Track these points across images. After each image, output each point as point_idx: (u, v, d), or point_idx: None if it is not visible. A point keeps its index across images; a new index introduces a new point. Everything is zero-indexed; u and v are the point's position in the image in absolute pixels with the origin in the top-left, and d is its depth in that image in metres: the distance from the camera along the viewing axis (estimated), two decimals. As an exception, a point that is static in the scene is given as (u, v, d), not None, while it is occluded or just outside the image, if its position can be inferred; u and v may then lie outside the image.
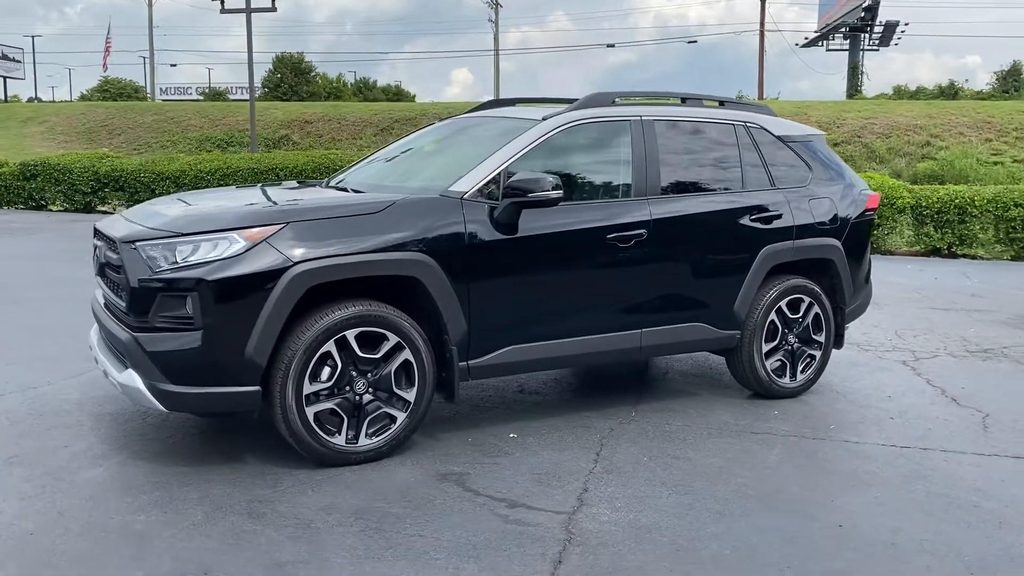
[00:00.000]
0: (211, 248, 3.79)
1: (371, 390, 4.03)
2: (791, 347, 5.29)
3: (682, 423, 4.78)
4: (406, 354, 4.06)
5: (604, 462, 4.17)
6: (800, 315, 5.28)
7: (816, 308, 5.32)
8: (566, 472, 4.03)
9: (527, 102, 5.64)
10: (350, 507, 3.59)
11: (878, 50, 46.17)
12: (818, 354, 5.38)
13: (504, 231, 4.27)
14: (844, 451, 4.42)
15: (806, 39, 48.81)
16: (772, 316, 5.16)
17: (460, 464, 4.10)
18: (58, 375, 5.34)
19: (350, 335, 3.92)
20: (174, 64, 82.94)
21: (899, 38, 45.71)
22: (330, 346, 3.89)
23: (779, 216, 5.16)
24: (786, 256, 5.17)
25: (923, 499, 3.84)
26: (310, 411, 3.89)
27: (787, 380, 5.29)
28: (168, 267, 3.78)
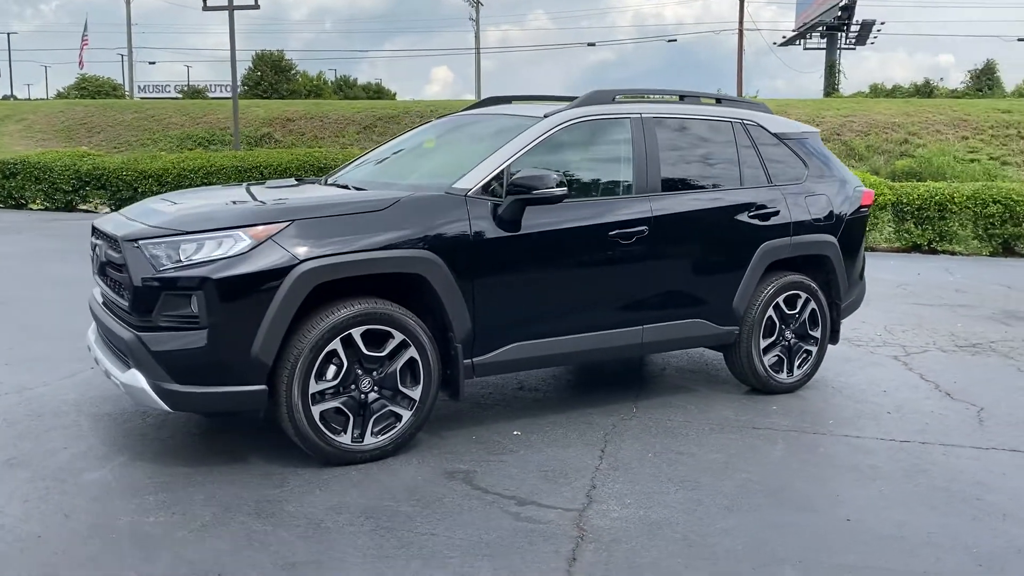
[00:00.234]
0: (216, 246, 3.76)
1: (376, 388, 4.02)
2: (788, 343, 5.33)
3: (683, 419, 4.80)
4: (411, 352, 4.05)
5: (609, 458, 4.18)
6: (797, 311, 5.32)
7: (812, 304, 5.36)
8: (572, 469, 4.03)
9: (524, 99, 5.64)
10: (359, 506, 3.57)
11: (855, 49, 46.58)
12: (814, 349, 5.43)
13: (508, 228, 4.27)
14: (845, 446, 4.46)
15: (784, 38, 49.14)
16: (770, 312, 5.19)
17: (466, 462, 4.09)
18: (53, 375, 5.28)
19: (356, 333, 3.91)
20: (153, 62, 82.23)
21: (875, 37, 46.14)
22: (336, 344, 3.87)
23: (776, 213, 5.19)
24: (784, 252, 5.21)
25: (926, 493, 3.88)
26: (316, 410, 3.87)
27: (784, 375, 5.33)
28: (172, 266, 3.74)
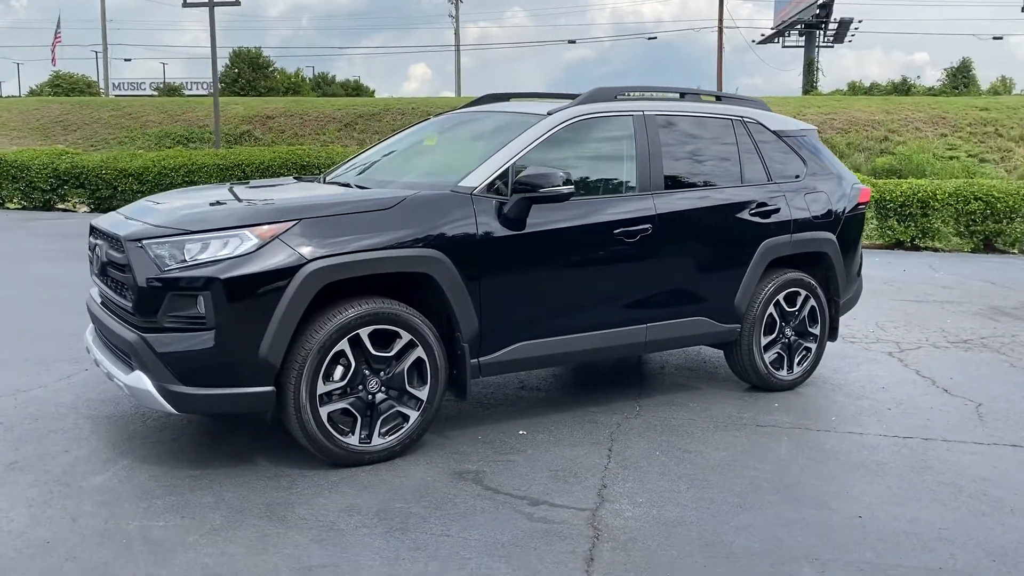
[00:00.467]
0: (221, 246, 3.70)
1: (384, 389, 3.98)
2: (788, 340, 5.35)
3: (687, 417, 4.80)
4: (418, 352, 4.01)
5: (617, 457, 4.16)
6: (797, 308, 5.34)
7: (812, 301, 5.38)
8: (581, 468, 4.02)
9: (522, 97, 5.61)
10: (371, 508, 3.54)
11: (832, 47, 47.00)
12: (814, 346, 5.45)
13: (513, 227, 4.24)
14: (850, 442, 4.48)
15: (763, 36, 49.48)
16: (770, 309, 5.21)
17: (474, 462, 4.06)
18: (48, 377, 5.19)
19: (364, 333, 3.87)
20: (128, 59, 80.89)
21: (853, 35, 46.52)
22: (343, 345, 3.83)
23: (777, 210, 5.20)
24: (784, 250, 5.22)
25: (934, 488, 3.90)
26: (324, 411, 3.83)
27: (784, 373, 5.34)
28: (177, 266, 3.68)
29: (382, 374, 3.97)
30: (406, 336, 3.97)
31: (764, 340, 5.22)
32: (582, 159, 4.76)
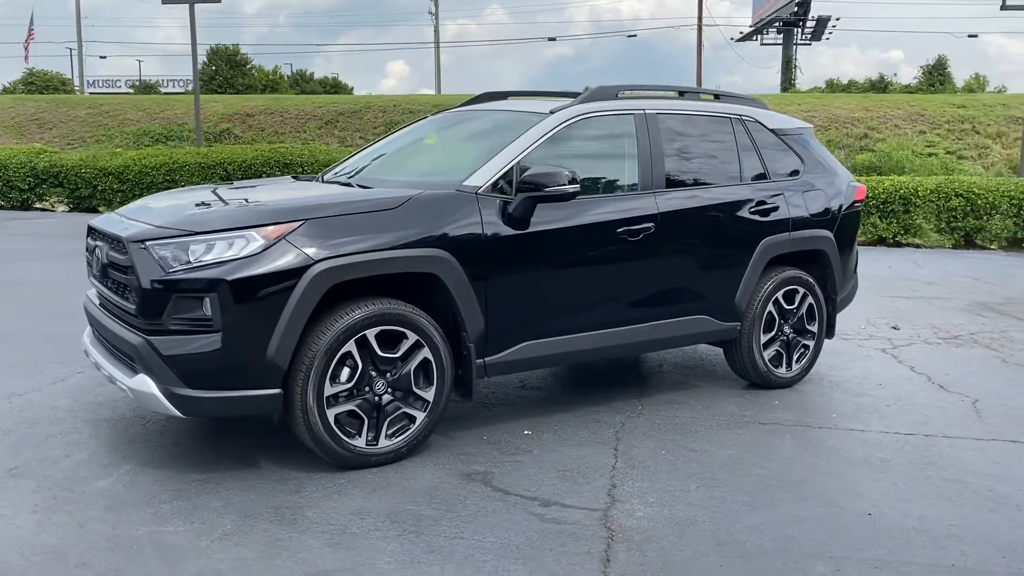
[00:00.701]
0: (227, 247, 3.66)
1: (390, 390, 3.95)
2: (787, 337, 5.37)
3: (689, 415, 4.81)
4: (425, 352, 3.99)
5: (624, 457, 4.16)
6: (795, 306, 5.36)
7: (810, 299, 5.41)
8: (589, 468, 4.01)
9: (520, 95, 5.59)
10: (381, 511, 3.51)
11: (810, 44, 47.14)
12: (812, 344, 5.48)
13: (517, 226, 4.22)
14: (852, 439, 4.50)
15: (741, 33, 49.58)
16: (770, 307, 5.22)
17: (481, 463, 4.04)
18: (41, 381, 5.11)
19: (370, 334, 3.84)
20: (103, 56, 79.76)
21: (830, 33, 46.74)
22: (350, 346, 3.80)
23: (776, 209, 5.22)
24: (783, 248, 5.24)
25: (939, 485, 3.93)
26: (331, 413, 3.79)
27: (783, 370, 5.36)
28: (181, 267, 3.63)
29: (388, 375, 3.94)
30: (412, 337, 3.95)
31: (763, 338, 5.23)
32: (585, 157, 4.74)
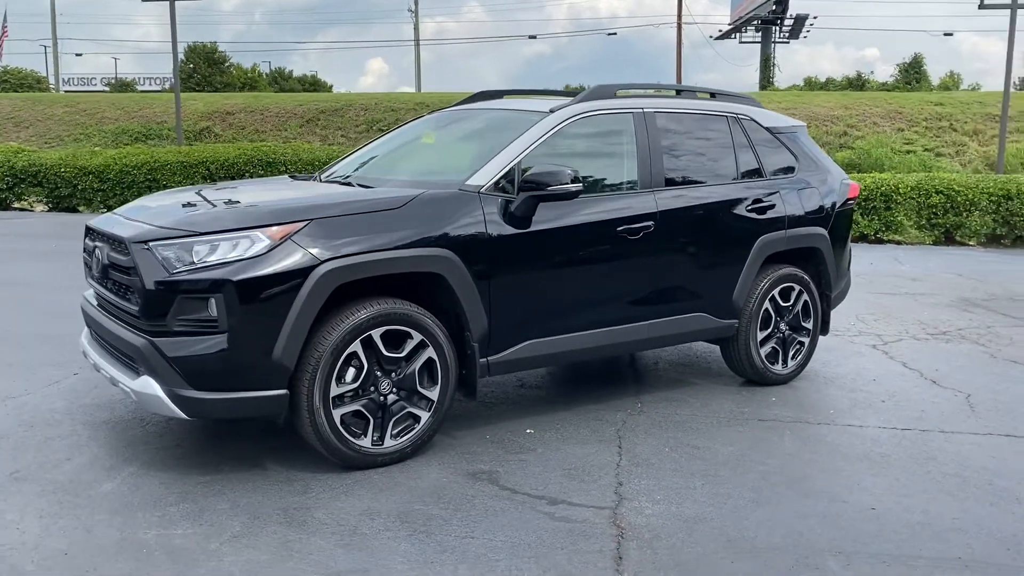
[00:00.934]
0: (231, 247, 3.63)
1: (395, 390, 3.94)
2: (783, 334, 5.41)
3: (689, 412, 4.84)
4: (429, 352, 3.98)
5: (628, 454, 4.18)
6: (791, 303, 5.40)
7: (805, 296, 5.45)
8: (594, 466, 4.02)
9: (515, 94, 5.59)
10: (391, 511, 3.50)
11: (788, 42, 47.46)
12: (807, 341, 5.52)
13: (519, 225, 4.22)
14: (851, 435, 4.54)
15: (720, 31, 49.85)
16: (766, 304, 5.26)
17: (487, 462, 4.04)
18: (35, 383, 5.05)
19: (376, 334, 3.83)
20: (79, 54, 78.54)
21: (808, 31, 47.12)
22: (356, 346, 3.79)
23: (772, 207, 5.26)
24: (779, 246, 5.28)
25: (940, 479, 3.98)
26: (336, 414, 3.78)
27: (779, 367, 5.41)
28: (185, 268, 3.60)
29: (393, 375, 3.93)
30: (417, 336, 3.94)
31: (760, 335, 5.27)
32: (585, 156, 4.75)
